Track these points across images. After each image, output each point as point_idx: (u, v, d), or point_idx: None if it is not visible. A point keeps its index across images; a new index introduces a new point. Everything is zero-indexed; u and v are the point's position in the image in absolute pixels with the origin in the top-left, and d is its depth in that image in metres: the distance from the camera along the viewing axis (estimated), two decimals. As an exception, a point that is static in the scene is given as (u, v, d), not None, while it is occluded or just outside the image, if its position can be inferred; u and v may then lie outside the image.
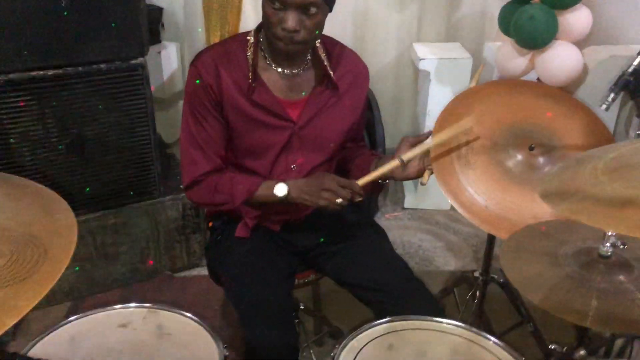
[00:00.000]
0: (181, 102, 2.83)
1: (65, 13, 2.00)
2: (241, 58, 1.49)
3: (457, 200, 1.39)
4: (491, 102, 1.59)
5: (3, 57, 1.97)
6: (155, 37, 2.66)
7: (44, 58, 2.03)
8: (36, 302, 0.58)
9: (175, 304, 1.30)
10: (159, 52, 2.74)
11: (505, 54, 2.54)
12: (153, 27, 2.61)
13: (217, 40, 2.73)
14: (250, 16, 2.78)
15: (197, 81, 1.48)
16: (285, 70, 1.52)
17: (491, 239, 1.98)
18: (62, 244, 0.71)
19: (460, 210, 1.38)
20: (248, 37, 1.51)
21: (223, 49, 1.53)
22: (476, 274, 2.06)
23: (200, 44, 2.77)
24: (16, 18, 1.94)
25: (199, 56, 1.52)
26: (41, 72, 2.04)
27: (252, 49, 1.49)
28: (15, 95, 2.03)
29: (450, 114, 1.53)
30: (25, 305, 0.56)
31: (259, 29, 1.51)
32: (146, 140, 2.29)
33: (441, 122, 1.52)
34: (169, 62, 2.77)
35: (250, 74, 1.47)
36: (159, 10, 2.73)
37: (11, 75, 2.00)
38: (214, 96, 1.48)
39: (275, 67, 1.51)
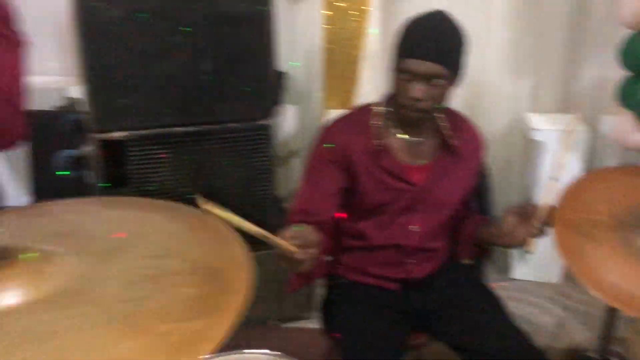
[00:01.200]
0: (295, 160, 3.00)
1: (205, 77, 2.22)
2: (368, 125, 1.60)
3: (583, 275, 1.36)
4: (617, 182, 1.57)
5: (150, 114, 2.21)
6: (277, 100, 2.86)
7: (184, 116, 2.26)
8: (227, 333, 0.66)
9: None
10: (280, 114, 2.93)
11: (624, 128, 2.48)
12: (277, 90, 2.81)
13: (334, 105, 2.90)
14: (366, 85, 2.91)
15: (327, 145, 1.60)
16: (410, 137, 1.60)
17: (610, 318, 1.89)
18: (241, 276, 0.80)
19: (587, 285, 1.35)
20: (374, 107, 1.63)
21: (352, 117, 1.65)
22: (591, 353, 1.96)
23: (318, 108, 2.94)
24: (163, 79, 2.19)
25: (330, 122, 1.65)
26: (180, 129, 2.27)
27: (379, 117, 1.60)
28: (157, 148, 2.26)
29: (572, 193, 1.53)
30: (217, 337, 0.64)
31: (387, 98, 1.61)
32: (266, 194, 2.43)
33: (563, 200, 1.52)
34: (287, 123, 2.95)
35: (376, 140, 1.57)
36: (282, 74, 2.94)
37: (155, 130, 2.24)
38: (340, 159, 1.59)
39: (400, 134, 1.60)
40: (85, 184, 2.57)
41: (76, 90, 2.44)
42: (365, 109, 1.65)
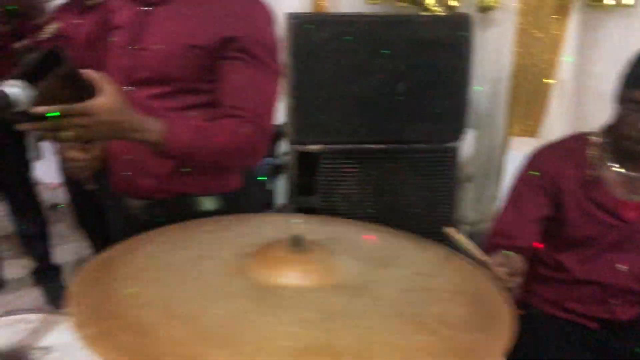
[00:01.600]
0: (470, 185, 2.97)
1: (400, 98, 2.30)
2: (583, 155, 1.55)
3: None
4: None
5: (344, 130, 2.34)
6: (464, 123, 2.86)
7: (375, 134, 2.36)
8: (504, 350, 0.69)
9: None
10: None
11: None
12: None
13: (518, 132, 2.83)
14: (555, 114, 2.81)
15: (534, 172, 1.58)
16: (627, 171, 1.52)
17: None
18: (503, 303, 0.84)
19: None
20: (591, 136, 1.57)
21: (565, 145, 1.61)
22: None
23: (500, 133, 2.89)
24: (360, 98, 2.30)
25: (540, 148, 1.62)
26: (370, 146, 2.37)
27: (595, 147, 1.54)
28: (347, 163, 2.38)
29: None
30: (496, 351, 0.68)
31: (606, 129, 1.55)
32: (446, 216, 2.44)
33: None
34: (467, 146, 2.93)
35: (591, 170, 1.52)
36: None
37: (347, 145, 2.36)
38: (548, 186, 1.56)
39: (617, 167, 1.53)
40: (268, 190, 2.78)
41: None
42: (580, 138, 1.60)
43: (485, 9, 2.69)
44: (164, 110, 1.25)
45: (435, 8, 2.78)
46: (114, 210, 1.47)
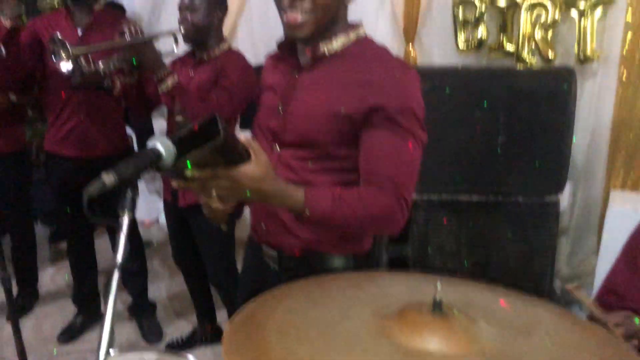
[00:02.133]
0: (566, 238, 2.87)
1: (499, 150, 2.29)
2: None
3: None
4: None
5: (440, 179, 2.34)
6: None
7: (472, 185, 2.34)
8: None
9: None
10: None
11: None
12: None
13: (620, 185, 2.72)
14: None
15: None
16: None
17: None
18: None
19: None
20: None
21: None
22: None
23: (599, 185, 2.79)
24: (458, 149, 2.30)
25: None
26: (467, 197, 2.35)
27: None
28: (442, 213, 2.37)
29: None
30: None
31: None
32: (545, 271, 2.37)
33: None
34: (565, 199, 2.85)
35: None
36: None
37: (443, 196, 2.35)
38: None
39: None
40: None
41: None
42: None
43: (585, 61, 2.65)
44: (307, 172, 1.27)
45: (531, 59, 2.77)
46: (249, 255, 1.52)
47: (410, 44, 3.11)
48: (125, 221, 1.07)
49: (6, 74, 2.35)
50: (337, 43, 1.27)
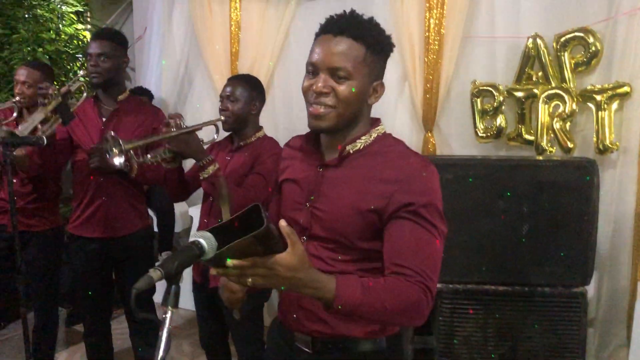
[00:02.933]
0: (593, 330, 2.79)
1: (523, 240, 2.28)
2: None
3: None
4: None
5: (464, 269, 2.32)
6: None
7: (498, 275, 2.32)
8: None
9: None
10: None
11: None
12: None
13: (645, 275, 2.69)
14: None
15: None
16: None
17: None
18: None
19: None
20: None
21: None
22: None
23: (626, 276, 2.75)
24: (482, 239, 2.30)
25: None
26: (492, 287, 2.32)
27: None
28: (467, 303, 2.33)
29: None
30: None
31: None
32: (575, 365, 2.30)
33: None
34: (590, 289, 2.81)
35: None
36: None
37: (468, 285, 2.33)
38: None
39: None
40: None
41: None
42: None
43: (604, 151, 2.69)
44: (336, 262, 1.30)
45: (550, 148, 2.81)
46: (276, 338, 1.51)
47: (429, 132, 3.18)
48: (169, 316, 1.08)
49: (47, 161, 2.45)
50: (361, 141, 1.34)
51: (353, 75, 1.27)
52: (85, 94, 2.44)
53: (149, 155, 2.17)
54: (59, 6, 4.29)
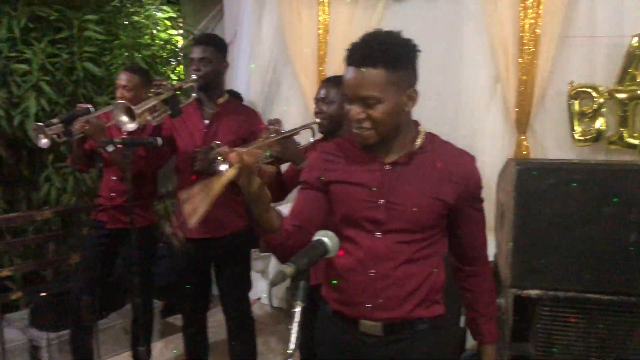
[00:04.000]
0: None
1: (631, 248, 2.19)
2: None
3: None
4: None
5: (566, 277, 2.25)
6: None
7: (602, 283, 2.23)
8: None
9: None
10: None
11: None
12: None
13: None
14: None
15: None
16: None
17: None
18: None
19: None
20: None
21: None
22: None
23: None
24: (585, 246, 2.23)
25: None
26: (596, 296, 2.24)
27: None
28: (568, 312, 2.26)
29: None
30: None
31: None
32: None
33: None
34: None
35: None
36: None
37: (569, 294, 2.26)
38: None
39: None
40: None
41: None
42: None
43: None
44: (411, 251, 1.48)
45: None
46: (333, 331, 1.61)
47: (523, 134, 3.12)
48: (298, 310, 1.15)
49: (157, 160, 2.60)
50: (418, 142, 1.53)
51: (382, 99, 1.40)
52: (194, 95, 2.55)
53: None
54: (154, 12, 4.51)
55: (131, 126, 2.32)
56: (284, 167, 2.38)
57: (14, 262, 3.78)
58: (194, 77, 2.50)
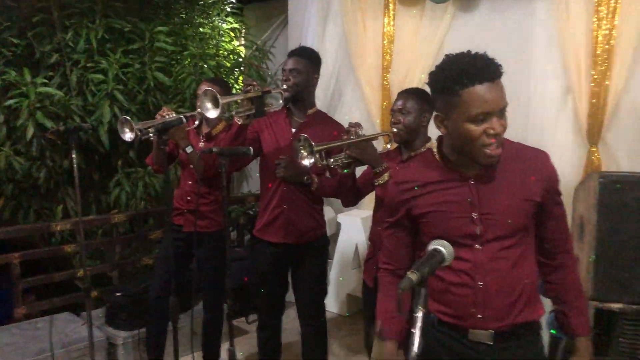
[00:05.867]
0: None
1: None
2: None
3: None
4: None
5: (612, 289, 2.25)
6: None
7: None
8: None
9: None
10: None
11: None
12: None
13: None
14: None
15: None
16: None
17: None
18: None
19: None
20: None
21: None
22: None
23: None
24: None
25: None
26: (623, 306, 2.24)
27: None
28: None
29: None
30: None
31: None
32: None
33: None
34: None
35: None
36: None
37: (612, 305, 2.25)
38: None
39: None
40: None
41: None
42: None
43: None
44: (515, 256, 1.52)
45: None
46: (440, 340, 1.62)
47: (594, 146, 3.09)
48: (420, 315, 1.20)
49: (238, 164, 2.70)
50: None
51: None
52: (282, 102, 2.63)
53: (331, 159, 2.33)
54: (219, 24, 4.64)
55: (213, 113, 2.36)
56: (358, 171, 2.45)
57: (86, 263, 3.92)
58: (284, 87, 2.59)
